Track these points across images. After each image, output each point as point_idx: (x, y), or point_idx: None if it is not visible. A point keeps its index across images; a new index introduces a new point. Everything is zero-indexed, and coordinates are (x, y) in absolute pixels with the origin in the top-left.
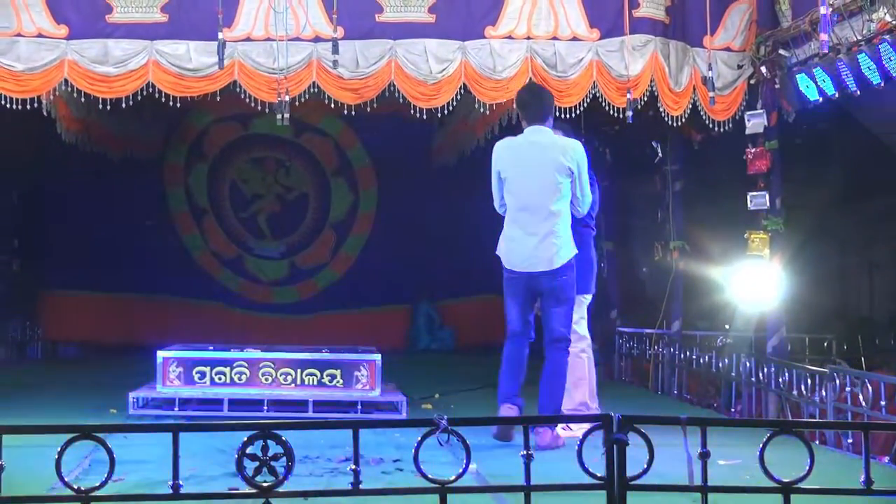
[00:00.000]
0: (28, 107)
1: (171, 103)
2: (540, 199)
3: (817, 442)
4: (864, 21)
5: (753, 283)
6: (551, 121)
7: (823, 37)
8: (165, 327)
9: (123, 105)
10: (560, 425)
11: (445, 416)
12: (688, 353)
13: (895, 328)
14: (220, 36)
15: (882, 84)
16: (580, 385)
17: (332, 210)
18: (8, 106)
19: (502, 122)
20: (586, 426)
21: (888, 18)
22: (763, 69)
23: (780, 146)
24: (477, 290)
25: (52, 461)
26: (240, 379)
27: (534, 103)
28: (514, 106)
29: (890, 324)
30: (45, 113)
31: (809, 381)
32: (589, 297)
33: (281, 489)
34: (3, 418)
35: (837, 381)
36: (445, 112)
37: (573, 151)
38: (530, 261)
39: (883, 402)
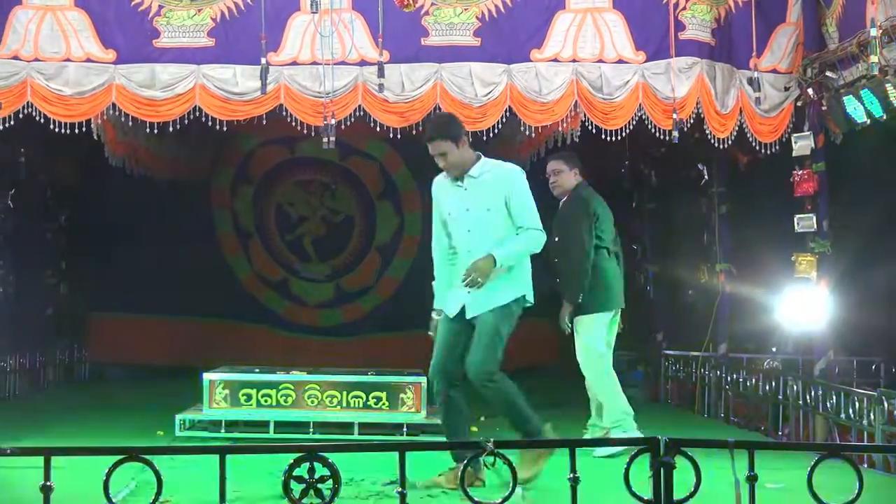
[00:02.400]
0: (76, 131)
1: (217, 127)
2: None
3: (865, 465)
4: None
5: (801, 305)
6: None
7: (873, 58)
8: (211, 350)
9: (170, 129)
10: None
11: (492, 439)
12: (734, 375)
13: None
14: (263, 61)
15: None
16: None
17: (378, 233)
18: (56, 130)
19: (548, 144)
20: None
21: None
22: (810, 91)
23: (827, 168)
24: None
25: (99, 483)
26: (286, 401)
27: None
28: (456, 135)
29: None
30: (94, 137)
31: (857, 403)
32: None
33: None
34: (52, 440)
35: (886, 405)
36: (490, 135)
37: None
38: None
39: None
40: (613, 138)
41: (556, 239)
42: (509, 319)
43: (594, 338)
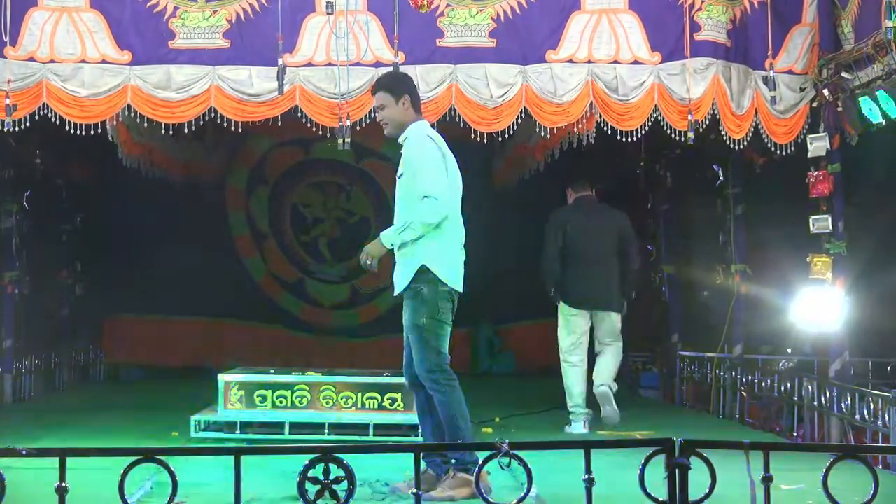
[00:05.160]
0: (92, 132)
1: (232, 128)
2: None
3: (881, 467)
4: None
5: (816, 306)
6: None
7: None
8: (227, 351)
9: (186, 130)
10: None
11: (507, 440)
12: (750, 376)
13: None
14: (280, 61)
15: None
16: None
17: None
18: (72, 131)
19: (563, 145)
20: None
21: None
22: (825, 92)
23: (843, 169)
24: (538, 313)
25: (115, 483)
26: (301, 402)
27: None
28: (399, 93)
29: None
30: (109, 138)
31: (873, 405)
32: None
33: None
34: (67, 441)
35: None
36: (506, 136)
37: None
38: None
39: None
40: (629, 139)
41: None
42: (423, 307)
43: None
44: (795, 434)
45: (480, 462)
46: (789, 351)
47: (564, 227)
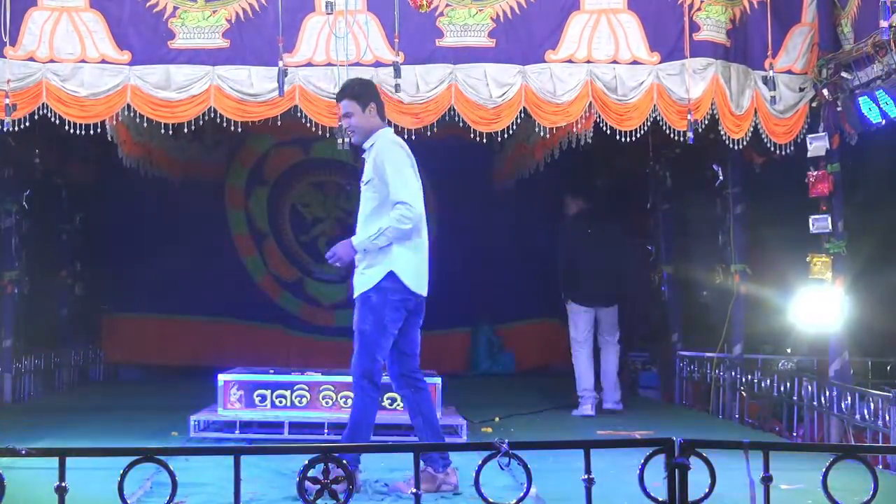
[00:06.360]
0: (91, 132)
1: (232, 128)
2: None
3: (880, 467)
4: None
5: (816, 306)
6: None
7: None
8: (226, 350)
9: (185, 130)
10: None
11: (507, 440)
12: (749, 376)
13: None
14: (281, 64)
15: None
16: None
17: None
18: (71, 131)
19: (562, 145)
20: None
21: None
22: (825, 92)
23: (842, 168)
24: (537, 312)
25: (114, 483)
26: (300, 402)
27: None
28: (365, 101)
29: None
30: (109, 138)
31: (872, 405)
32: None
33: None
34: (66, 441)
35: None
36: (505, 136)
37: None
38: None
39: None
40: (628, 139)
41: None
42: (370, 314)
43: None
44: (795, 434)
45: (480, 463)
46: (789, 351)
47: (573, 239)
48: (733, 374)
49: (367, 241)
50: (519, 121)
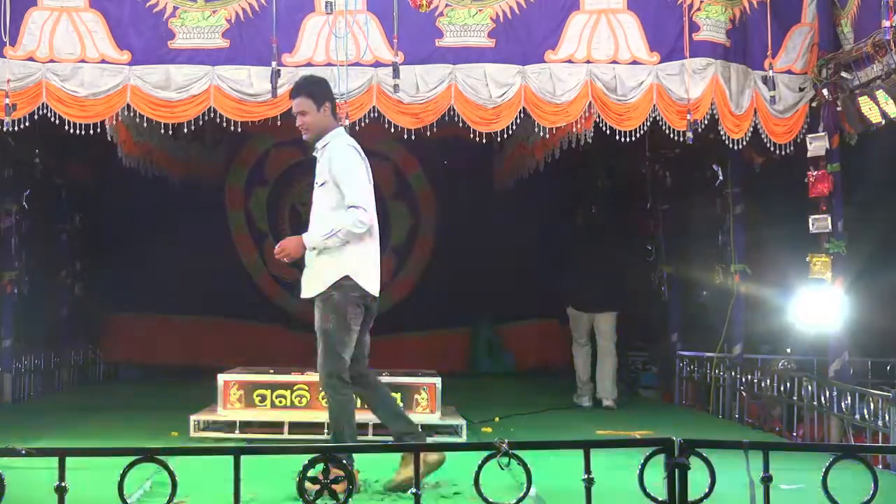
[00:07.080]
0: (91, 132)
1: (232, 128)
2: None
3: (880, 466)
4: None
5: (816, 306)
6: None
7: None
8: (226, 350)
9: (185, 130)
10: None
11: (507, 440)
12: (749, 376)
13: None
14: (273, 64)
15: None
16: None
17: (392, 234)
18: (71, 131)
19: (562, 145)
20: None
21: None
22: (825, 91)
23: (842, 168)
24: (537, 313)
25: (114, 483)
26: (300, 402)
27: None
28: (320, 99)
29: None
30: (109, 138)
31: (872, 404)
32: None
33: None
34: (66, 441)
35: None
36: (505, 136)
37: None
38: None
39: None
40: (628, 139)
41: None
42: (332, 313)
43: None
44: (795, 434)
45: (479, 463)
46: (788, 351)
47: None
48: (733, 374)
49: (319, 239)
50: (519, 121)
